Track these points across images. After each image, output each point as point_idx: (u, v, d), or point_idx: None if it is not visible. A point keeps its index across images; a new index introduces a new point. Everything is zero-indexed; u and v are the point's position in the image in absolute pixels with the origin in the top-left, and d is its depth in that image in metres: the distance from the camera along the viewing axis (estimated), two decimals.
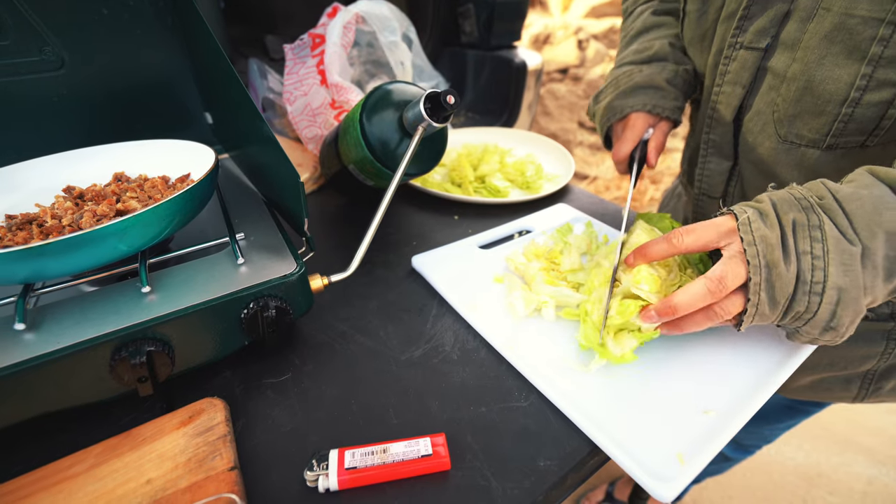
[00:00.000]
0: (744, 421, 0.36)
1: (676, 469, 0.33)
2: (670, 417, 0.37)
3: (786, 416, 0.78)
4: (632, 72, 0.62)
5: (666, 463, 0.33)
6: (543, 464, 0.34)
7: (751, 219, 0.36)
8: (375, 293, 0.52)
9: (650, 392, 0.39)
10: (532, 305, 0.47)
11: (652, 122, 0.61)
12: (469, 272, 0.54)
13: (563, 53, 3.71)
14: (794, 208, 0.36)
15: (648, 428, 0.36)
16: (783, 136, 0.49)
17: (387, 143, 0.55)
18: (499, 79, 1.12)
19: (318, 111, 0.78)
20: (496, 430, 0.37)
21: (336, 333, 0.46)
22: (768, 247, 0.35)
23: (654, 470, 0.33)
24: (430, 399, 0.39)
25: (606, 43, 3.84)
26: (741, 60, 0.51)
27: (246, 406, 0.39)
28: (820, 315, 0.35)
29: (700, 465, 0.33)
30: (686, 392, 0.39)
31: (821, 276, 0.34)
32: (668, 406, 0.38)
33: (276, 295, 0.39)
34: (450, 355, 0.44)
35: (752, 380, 0.40)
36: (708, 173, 0.60)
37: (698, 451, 0.34)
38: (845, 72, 0.42)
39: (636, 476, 0.33)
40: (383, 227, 0.65)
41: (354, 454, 0.34)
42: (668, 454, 0.34)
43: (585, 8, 5.09)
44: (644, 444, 0.35)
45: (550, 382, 0.39)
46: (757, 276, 0.35)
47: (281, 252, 0.43)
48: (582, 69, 3.60)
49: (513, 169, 0.78)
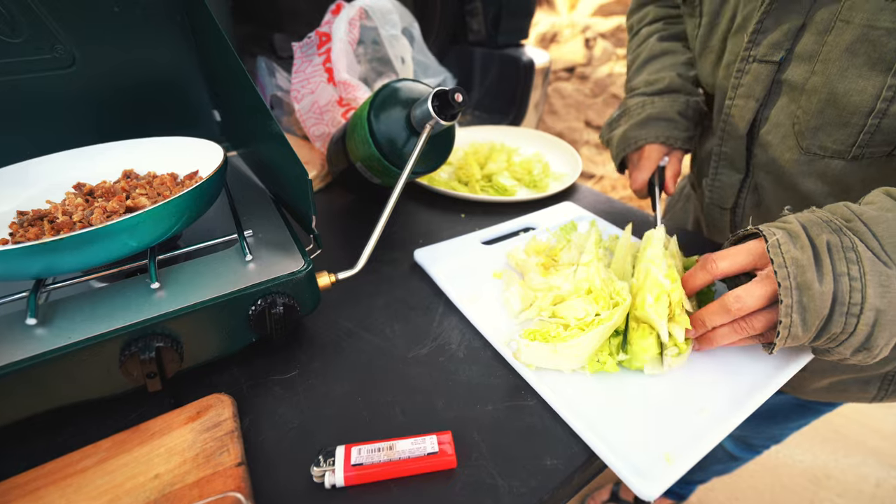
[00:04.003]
0: (737, 422, 0.36)
1: (662, 468, 0.33)
2: (665, 416, 0.37)
3: (796, 415, 0.78)
4: (644, 103, 0.64)
5: (653, 462, 0.33)
6: (550, 463, 0.34)
7: (780, 241, 0.36)
8: (382, 291, 0.52)
9: (647, 391, 0.39)
10: (528, 301, 0.47)
11: (666, 152, 0.63)
12: (470, 266, 0.54)
13: (570, 52, 3.69)
14: (826, 230, 0.36)
15: (640, 426, 0.36)
16: (805, 147, 0.48)
17: (394, 141, 0.55)
18: (506, 77, 1.12)
19: (325, 109, 0.79)
20: (502, 428, 0.37)
21: (343, 331, 0.47)
22: (799, 269, 0.35)
23: (639, 468, 0.33)
24: (436, 397, 0.39)
25: (614, 41, 3.82)
26: (754, 74, 0.51)
27: (253, 402, 0.39)
28: (856, 337, 0.34)
29: (687, 465, 0.33)
30: (683, 391, 0.39)
31: (858, 298, 0.33)
32: (663, 405, 0.38)
33: (285, 292, 0.40)
34: (456, 353, 0.44)
35: (750, 381, 0.40)
36: (719, 185, 0.60)
37: (687, 450, 0.34)
38: (870, 83, 0.42)
39: (620, 473, 0.33)
40: (390, 225, 0.66)
41: (361, 451, 0.34)
42: (656, 453, 0.34)
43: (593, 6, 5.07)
44: (633, 443, 0.35)
45: (546, 382, 0.39)
46: (788, 298, 0.35)
47: (289, 249, 0.43)
48: (589, 68, 3.58)
49: (520, 167, 0.78)
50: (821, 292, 0.34)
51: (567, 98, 3.18)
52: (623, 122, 0.66)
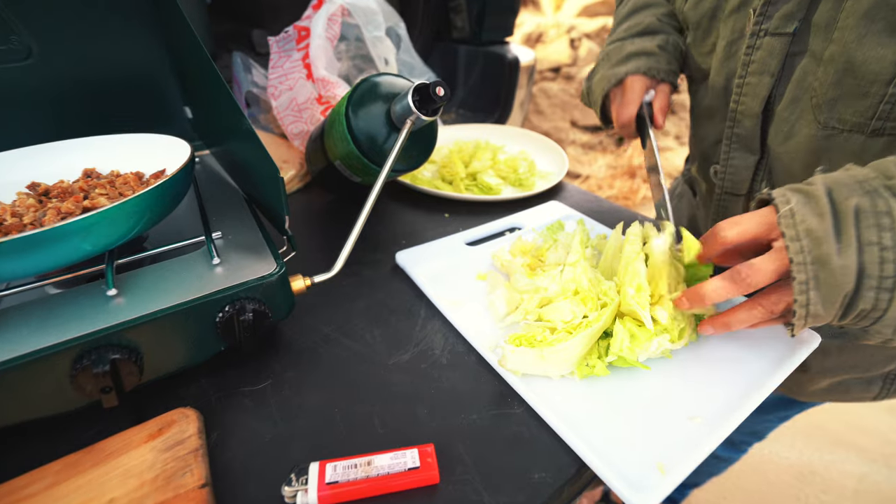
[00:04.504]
0: (731, 429, 0.35)
1: (656, 479, 0.31)
2: (655, 424, 0.35)
3: (779, 408, 0.77)
4: (623, 45, 0.62)
5: (646, 472, 0.31)
6: (538, 476, 0.32)
7: (794, 210, 0.32)
8: (362, 294, 0.50)
9: (638, 395, 0.37)
10: (514, 304, 0.45)
11: (650, 85, 0.59)
12: (454, 269, 0.52)
13: (555, 52, 3.70)
14: (856, 192, 0.31)
15: (632, 435, 0.34)
16: (823, 122, 0.45)
17: (374, 138, 0.53)
18: (491, 75, 1.10)
19: (303, 106, 0.76)
20: (488, 438, 0.35)
21: (320, 337, 0.44)
22: (815, 241, 0.31)
23: (631, 480, 0.31)
24: (418, 406, 0.37)
25: (599, 42, 3.84)
26: (767, 48, 0.49)
27: (222, 416, 0.37)
28: (891, 313, 0.31)
29: (681, 476, 0.32)
30: (673, 397, 0.37)
31: (892, 270, 0.30)
32: (655, 411, 0.36)
33: (254, 297, 0.37)
34: (439, 359, 0.42)
35: (742, 386, 0.38)
36: (732, 170, 0.57)
37: (680, 460, 0.32)
38: (890, 50, 0.39)
39: (611, 485, 0.31)
40: (371, 226, 0.63)
41: (336, 467, 0.31)
42: (648, 463, 0.32)
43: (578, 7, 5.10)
44: (625, 453, 0.33)
45: (533, 389, 0.37)
46: (803, 274, 0.31)
47: (260, 251, 0.41)
48: (574, 68, 3.59)
49: (505, 166, 0.76)
50: (841, 266, 0.30)
51: (553, 98, 3.19)
52: (602, 67, 0.63)
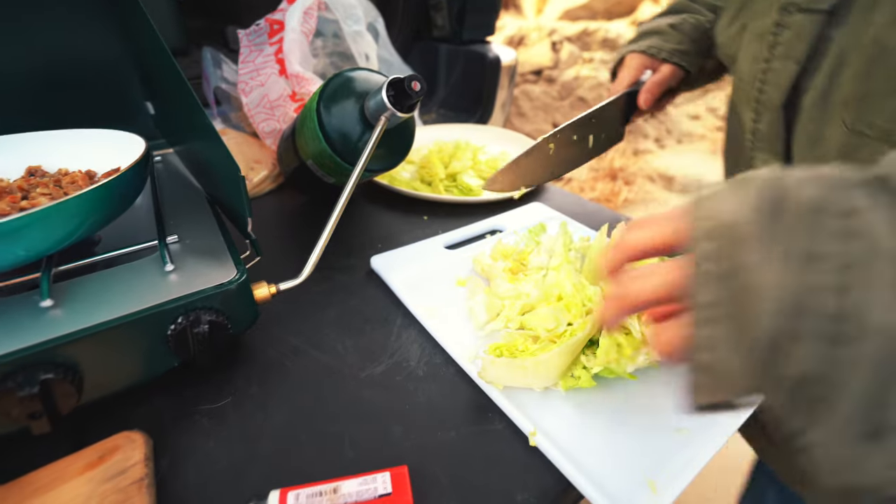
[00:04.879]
0: (721, 442, 0.33)
1: (647, 499, 0.29)
2: (642, 437, 0.33)
3: None
4: (644, 23, 0.60)
5: (636, 491, 0.29)
6: (521, 498, 0.30)
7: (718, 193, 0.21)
8: (334, 302, 0.47)
9: (621, 409, 0.35)
10: (494, 310, 0.43)
11: (649, 65, 0.56)
12: (432, 274, 0.50)
13: (537, 55, 3.71)
14: (823, 186, 0.19)
15: (618, 450, 0.32)
16: (850, 125, 0.37)
17: (347, 136, 0.50)
18: (472, 74, 1.08)
19: (276, 103, 0.73)
20: (467, 458, 0.32)
21: (288, 349, 0.41)
22: (734, 242, 0.19)
23: (621, 500, 0.29)
24: (392, 423, 0.35)
25: (580, 45, 3.87)
26: (796, 28, 0.41)
27: (175, 440, 0.33)
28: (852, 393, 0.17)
29: (675, 493, 0.30)
30: (659, 408, 0.35)
31: (852, 303, 0.17)
32: (639, 425, 0.34)
33: (212, 307, 0.34)
34: (415, 371, 0.39)
35: None
36: None
37: (673, 476, 0.30)
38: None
39: None
40: (345, 229, 0.60)
41: (299, 496, 0.28)
42: (638, 481, 0.30)
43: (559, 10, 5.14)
44: (612, 470, 0.31)
45: (515, 402, 0.35)
46: (707, 294, 0.20)
47: (220, 257, 0.37)
48: (556, 71, 3.61)
49: (486, 166, 0.74)
50: (767, 282, 0.18)
51: (535, 100, 3.19)
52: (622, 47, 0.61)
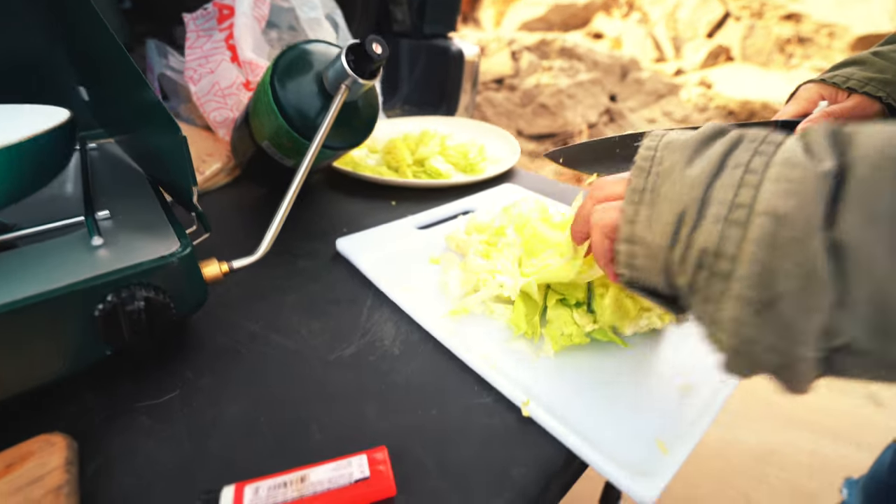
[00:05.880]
0: (725, 396, 0.31)
1: (658, 459, 0.26)
2: (644, 399, 0.31)
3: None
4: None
5: (644, 454, 0.27)
6: (517, 472, 0.26)
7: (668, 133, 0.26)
8: (295, 286, 0.43)
9: (618, 372, 0.33)
10: (469, 285, 0.40)
11: (828, 96, 0.46)
12: (403, 254, 0.46)
13: (497, 64, 3.78)
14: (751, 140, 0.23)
15: (619, 414, 0.29)
16: None
17: (304, 108, 0.47)
18: (435, 68, 1.07)
19: (228, 91, 0.68)
20: (454, 435, 0.28)
21: (244, 335, 0.36)
22: (668, 149, 0.24)
23: (630, 464, 0.26)
24: (365, 404, 0.30)
25: (539, 54, 3.97)
26: None
27: (110, 441, 0.28)
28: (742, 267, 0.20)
29: (685, 452, 0.27)
30: (658, 370, 0.33)
31: (748, 196, 0.20)
32: (639, 386, 0.32)
33: (150, 284, 0.29)
34: (390, 350, 0.35)
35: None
36: None
37: (681, 434, 0.28)
38: None
39: (608, 475, 0.26)
40: (306, 215, 0.56)
41: (259, 489, 0.24)
42: (645, 442, 0.27)
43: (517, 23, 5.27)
44: (616, 435, 0.28)
45: (503, 372, 0.32)
46: (640, 180, 0.24)
47: (160, 231, 0.33)
48: (517, 79, 3.68)
49: (454, 151, 0.71)
50: (688, 176, 0.23)
51: (498, 107, 3.23)
52: None
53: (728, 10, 5.04)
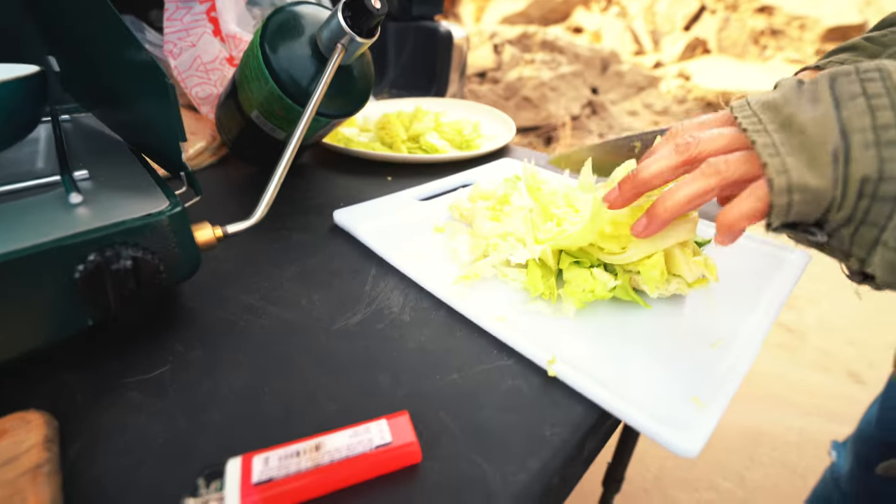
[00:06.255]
0: (756, 349, 0.29)
1: (694, 414, 0.25)
2: (674, 355, 0.29)
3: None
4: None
5: (680, 409, 0.25)
6: (550, 432, 0.24)
7: (749, 98, 0.27)
8: (293, 259, 0.40)
9: (645, 332, 0.31)
10: (479, 250, 0.38)
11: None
12: (405, 224, 0.44)
13: (480, 57, 3.76)
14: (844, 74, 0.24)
15: (650, 371, 0.28)
16: None
17: (297, 72, 0.44)
18: (424, 49, 1.04)
19: (211, 67, 0.64)
20: (477, 398, 0.26)
21: (240, 308, 0.34)
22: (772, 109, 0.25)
23: (667, 419, 0.24)
24: (378, 373, 0.28)
25: (520, 47, 3.97)
26: None
27: (97, 417, 0.25)
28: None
29: (721, 406, 0.25)
30: (685, 328, 0.31)
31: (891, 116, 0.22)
32: (668, 344, 0.30)
33: (137, 244, 0.26)
34: (399, 318, 0.33)
35: (751, 308, 0.34)
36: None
37: (716, 388, 0.26)
38: None
39: (644, 428, 0.24)
40: (300, 193, 0.53)
41: (269, 459, 0.21)
42: (680, 398, 0.26)
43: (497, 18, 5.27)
44: (649, 391, 0.26)
45: (523, 333, 0.30)
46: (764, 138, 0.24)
47: (146, 191, 0.30)
48: (499, 72, 3.67)
49: (449, 128, 0.69)
50: (812, 119, 0.23)
51: (482, 98, 3.22)
52: None
53: (704, 4, 5.13)
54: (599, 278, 0.32)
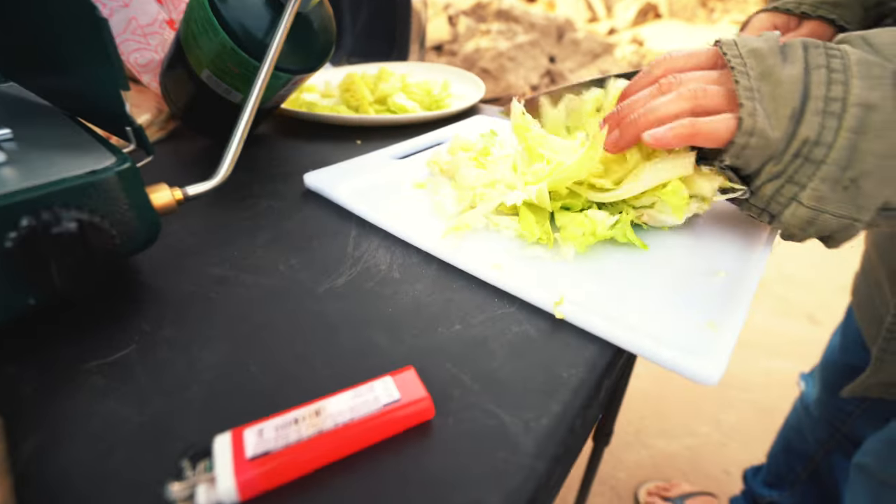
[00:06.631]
0: (759, 274, 0.29)
1: (711, 338, 0.24)
2: (680, 287, 0.28)
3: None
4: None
5: (696, 335, 0.24)
6: (567, 373, 0.23)
7: (737, 38, 0.29)
8: (265, 226, 0.37)
9: (646, 270, 0.30)
10: (466, 201, 0.35)
11: (781, 24, 0.45)
12: (383, 184, 0.41)
13: (435, 30, 3.67)
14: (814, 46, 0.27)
15: (658, 304, 0.27)
16: None
17: (250, 21, 0.40)
18: (381, 14, 0.99)
19: (149, 30, 0.58)
20: (485, 347, 0.24)
21: (210, 280, 0.30)
22: (758, 57, 0.27)
23: (684, 346, 0.23)
24: (374, 331, 0.26)
25: (475, 18, 3.89)
26: None
27: (52, 410, 0.22)
28: (835, 152, 0.25)
29: (735, 330, 0.25)
30: (685, 262, 0.31)
31: (840, 91, 0.25)
32: (666, 278, 0.29)
33: (81, 205, 0.23)
34: (388, 275, 0.31)
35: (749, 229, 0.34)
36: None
37: (727, 314, 0.26)
38: None
39: (664, 360, 0.23)
40: (263, 163, 0.49)
41: (263, 431, 0.19)
42: (694, 325, 0.25)
43: None
44: (661, 325, 0.25)
45: (524, 279, 0.28)
46: (746, 80, 0.27)
47: (87, 149, 0.26)
48: (456, 44, 3.60)
49: (417, 88, 0.66)
50: (788, 76, 0.26)
51: None
52: None
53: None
54: (596, 218, 0.30)
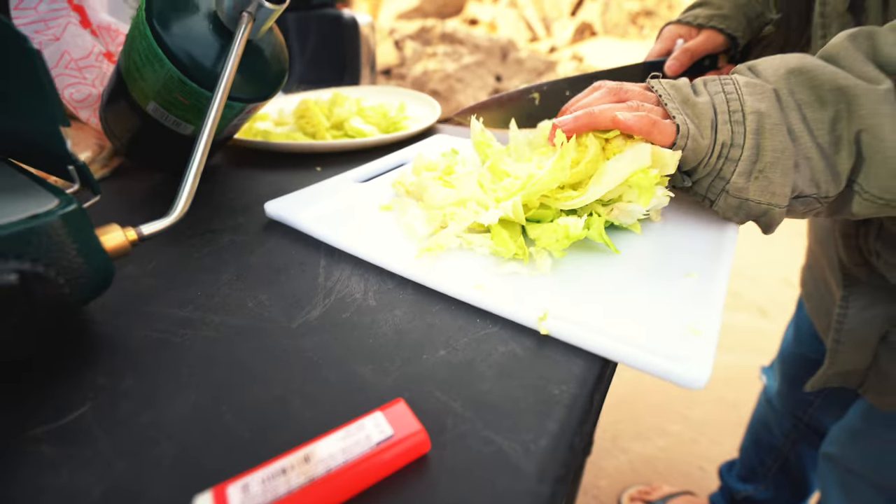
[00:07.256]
0: (727, 273, 0.30)
1: (693, 344, 0.24)
2: (651, 292, 0.29)
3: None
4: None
5: (678, 341, 0.25)
6: (558, 390, 0.22)
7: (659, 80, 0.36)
8: (227, 261, 0.35)
9: (615, 276, 0.31)
10: (436, 221, 0.35)
11: (684, 34, 0.53)
12: (348, 208, 0.40)
13: (382, 55, 3.71)
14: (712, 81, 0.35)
15: (637, 311, 0.27)
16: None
17: (198, 49, 0.38)
18: (330, 40, 0.99)
19: (84, 64, 0.55)
20: (473, 371, 0.24)
21: (172, 323, 0.28)
22: (676, 88, 0.35)
23: (672, 354, 0.24)
24: (355, 364, 0.25)
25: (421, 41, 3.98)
26: None
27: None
28: (746, 151, 0.32)
29: (715, 333, 0.26)
30: (656, 264, 0.32)
31: (737, 105, 0.32)
32: (642, 283, 0.30)
33: (21, 254, 0.20)
34: (364, 304, 0.30)
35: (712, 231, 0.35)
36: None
37: (703, 315, 0.26)
38: None
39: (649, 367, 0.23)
40: (219, 198, 0.47)
41: (248, 486, 0.17)
42: (676, 330, 0.25)
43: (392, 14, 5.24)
44: (645, 331, 0.25)
45: (502, 297, 0.28)
46: (673, 103, 0.34)
47: (23, 191, 0.24)
48: (404, 68, 3.65)
49: (373, 112, 0.66)
50: (700, 101, 0.33)
51: None
52: None
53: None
54: (568, 223, 0.31)
